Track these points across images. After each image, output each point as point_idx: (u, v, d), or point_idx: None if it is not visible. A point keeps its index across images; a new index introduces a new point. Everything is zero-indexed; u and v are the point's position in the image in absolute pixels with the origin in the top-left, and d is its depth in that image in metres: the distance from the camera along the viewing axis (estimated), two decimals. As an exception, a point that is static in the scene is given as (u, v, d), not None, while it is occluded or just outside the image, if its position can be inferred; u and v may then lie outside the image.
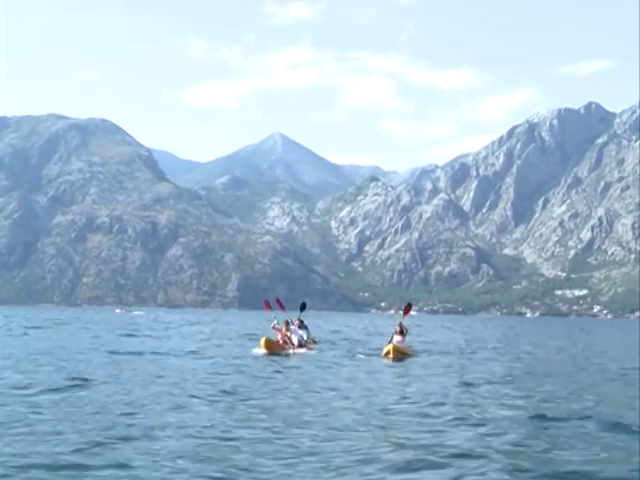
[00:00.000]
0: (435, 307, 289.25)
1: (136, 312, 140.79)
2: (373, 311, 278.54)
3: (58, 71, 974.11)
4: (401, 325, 30.43)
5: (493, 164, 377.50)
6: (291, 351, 30.53)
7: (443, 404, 15.13)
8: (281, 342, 31.15)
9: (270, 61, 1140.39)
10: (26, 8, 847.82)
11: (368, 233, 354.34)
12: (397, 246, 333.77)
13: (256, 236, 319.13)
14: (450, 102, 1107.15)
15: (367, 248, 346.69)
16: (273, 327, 31.88)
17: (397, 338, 29.75)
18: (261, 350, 29.71)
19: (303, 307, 34.84)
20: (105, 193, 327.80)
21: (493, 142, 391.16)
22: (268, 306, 33.69)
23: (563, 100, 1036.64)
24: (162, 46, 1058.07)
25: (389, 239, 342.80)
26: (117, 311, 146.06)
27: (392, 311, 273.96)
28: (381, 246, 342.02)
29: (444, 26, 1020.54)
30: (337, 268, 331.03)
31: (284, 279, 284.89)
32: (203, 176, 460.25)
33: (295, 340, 31.56)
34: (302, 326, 33.41)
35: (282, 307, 33.74)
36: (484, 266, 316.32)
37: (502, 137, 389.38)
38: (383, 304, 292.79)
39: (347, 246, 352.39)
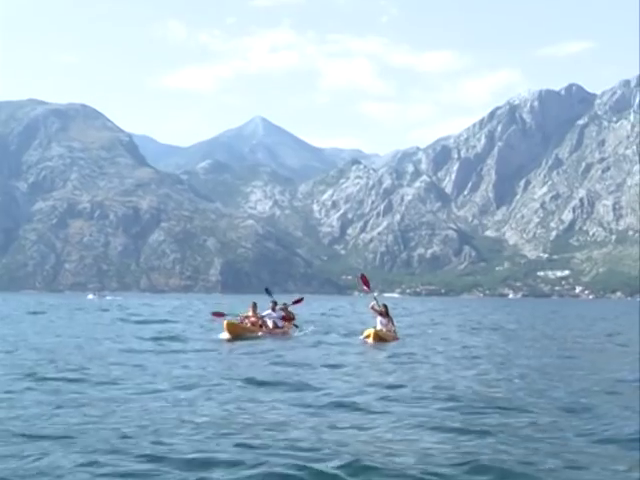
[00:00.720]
0: (418, 289, 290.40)
1: (109, 297, 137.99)
2: (356, 294, 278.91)
3: (37, 56, 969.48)
4: (385, 306, 27.32)
5: (474, 146, 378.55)
6: (261, 333, 28.12)
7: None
8: (248, 325, 28.63)
9: (250, 44, 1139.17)
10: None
11: (350, 216, 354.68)
12: (379, 229, 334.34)
13: (238, 220, 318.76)
14: (431, 84, 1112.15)
15: (349, 231, 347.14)
16: (242, 320, 28.89)
17: (382, 320, 26.88)
18: (224, 335, 26.76)
19: (268, 292, 33.09)
20: (86, 179, 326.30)
21: (474, 124, 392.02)
22: (219, 315, 29.95)
23: (544, 81, 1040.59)
24: (142, 31, 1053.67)
25: (371, 222, 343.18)
26: (90, 297, 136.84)
27: (375, 293, 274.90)
28: (363, 229, 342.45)
29: (425, 8, 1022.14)
30: (320, 251, 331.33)
31: (267, 263, 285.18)
32: (184, 160, 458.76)
33: (270, 323, 29.60)
34: (285, 309, 31.77)
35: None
36: (466, 248, 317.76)
37: (483, 119, 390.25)
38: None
39: (329, 229, 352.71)
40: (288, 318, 32.58)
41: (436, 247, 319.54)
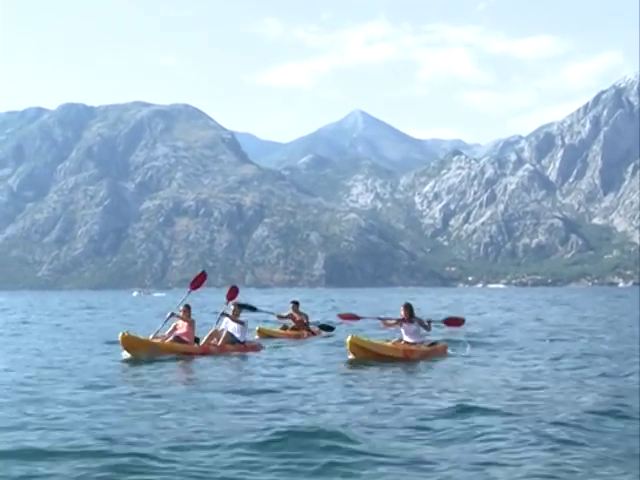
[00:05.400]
0: (524, 279, 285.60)
1: (156, 294, 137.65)
2: (460, 285, 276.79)
3: (139, 59, 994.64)
4: (409, 307, 17.32)
5: (579, 132, 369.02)
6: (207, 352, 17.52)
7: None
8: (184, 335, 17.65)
9: (346, 38, 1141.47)
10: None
11: (453, 207, 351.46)
12: (483, 219, 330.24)
13: (340, 214, 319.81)
14: (531, 70, 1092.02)
15: (452, 222, 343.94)
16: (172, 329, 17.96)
17: (408, 328, 17.20)
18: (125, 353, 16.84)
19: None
20: (190, 177, 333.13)
21: (578, 109, 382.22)
22: (196, 285, 19.49)
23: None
24: (239, 29, 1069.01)
25: (474, 212, 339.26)
26: (134, 294, 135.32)
27: (480, 285, 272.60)
28: (466, 220, 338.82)
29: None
30: (422, 243, 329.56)
31: (370, 256, 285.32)
32: (286, 156, 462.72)
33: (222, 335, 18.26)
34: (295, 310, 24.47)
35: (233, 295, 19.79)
36: (573, 236, 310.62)
37: (587, 104, 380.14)
38: (470, 278, 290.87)
39: (432, 221, 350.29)
40: (301, 322, 24.44)
41: (541, 236, 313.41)
